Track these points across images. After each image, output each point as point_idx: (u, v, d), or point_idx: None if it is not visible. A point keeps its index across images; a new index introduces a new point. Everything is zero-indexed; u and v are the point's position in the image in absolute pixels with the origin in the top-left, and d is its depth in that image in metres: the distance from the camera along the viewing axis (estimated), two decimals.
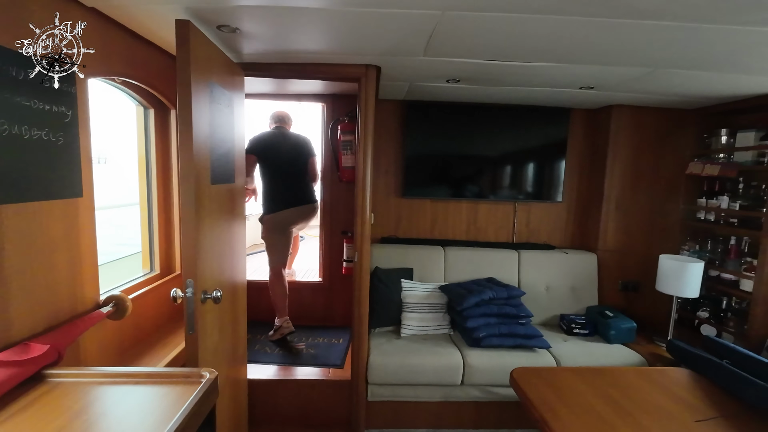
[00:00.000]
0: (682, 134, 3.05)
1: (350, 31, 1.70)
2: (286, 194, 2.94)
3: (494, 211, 3.31)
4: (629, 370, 1.99)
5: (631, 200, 3.09)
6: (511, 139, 3.23)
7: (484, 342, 2.49)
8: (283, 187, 2.96)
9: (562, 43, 1.75)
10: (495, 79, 2.41)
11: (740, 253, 2.68)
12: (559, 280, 3.09)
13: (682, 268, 2.61)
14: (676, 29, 1.53)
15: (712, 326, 2.82)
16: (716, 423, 1.55)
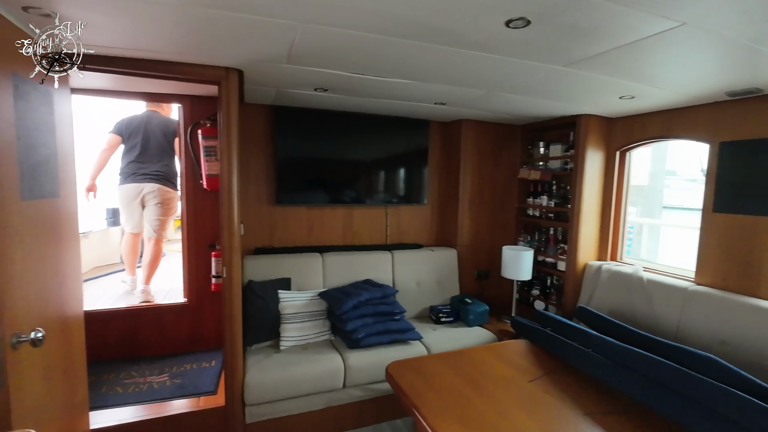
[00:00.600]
0: (513, 145, 3.70)
1: (202, 30, 1.59)
2: (138, 170, 3.25)
3: (368, 216, 3.48)
4: (481, 348, 2.32)
5: (479, 201, 3.61)
6: (382, 147, 3.44)
7: (363, 342, 2.59)
8: (137, 164, 3.25)
9: (414, 64, 1.94)
10: (361, 91, 2.53)
11: (556, 241, 3.39)
12: (427, 275, 3.41)
13: (518, 256, 3.17)
14: (501, 61, 1.86)
15: (542, 301, 3.49)
16: (543, 380, 1.92)
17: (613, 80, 2.10)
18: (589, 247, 3.14)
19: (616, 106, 2.65)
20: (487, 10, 1.35)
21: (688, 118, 2.54)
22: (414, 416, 1.65)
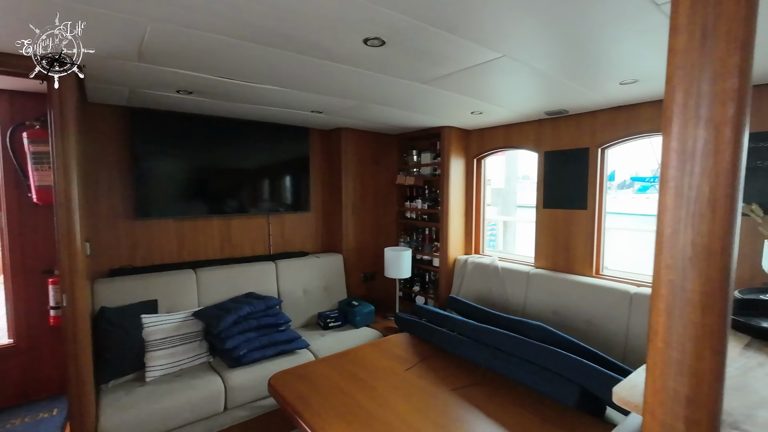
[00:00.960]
0: (391, 153, 3.97)
1: (15, 11, 1.34)
2: None
3: (248, 226, 3.32)
4: (365, 346, 2.43)
5: (362, 206, 3.77)
6: (263, 155, 3.33)
7: (245, 359, 2.46)
8: None
9: (282, 71, 1.95)
10: (230, 96, 2.43)
11: (431, 240, 3.74)
12: (314, 282, 3.41)
13: (399, 256, 3.40)
14: (366, 75, 1.99)
15: (422, 296, 3.80)
16: (418, 366, 2.11)
17: (464, 98, 2.43)
18: (458, 243, 3.55)
19: (470, 119, 3.07)
20: (346, 28, 1.45)
21: (522, 132, 3.09)
22: (297, 424, 1.64)
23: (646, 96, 2.27)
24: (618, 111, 2.51)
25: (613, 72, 1.90)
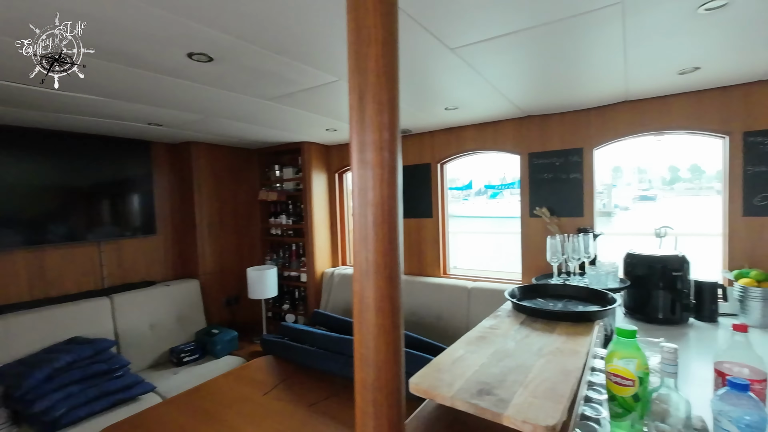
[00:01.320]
0: (251, 168, 3.82)
1: None
2: None
3: (71, 257, 2.77)
4: (219, 377, 2.26)
5: (221, 225, 3.52)
6: (95, 171, 2.82)
7: (65, 419, 2.03)
8: None
9: (101, 80, 1.72)
10: (35, 105, 2.02)
11: (298, 255, 3.70)
12: (164, 314, 3.03)
13: (263, 275, 3.27)
14: (202, 89, 1.89)
15: (292, 314, 3.72)
16: (277, 388, 2.05)
17: (315, 116, 2.50)
18: (325, 257, 3.60)
19: (327, 135, 3.17)
20: (166, 42, 1.35)
21: None
22: None
23: (468, 120, 2.69)
24: (450, 131, 2.92)
25: (439, 99, 2.20)
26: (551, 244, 1.95)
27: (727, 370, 1.00)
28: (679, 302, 1.95)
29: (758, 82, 1.94)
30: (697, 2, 1.15)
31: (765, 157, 1.95)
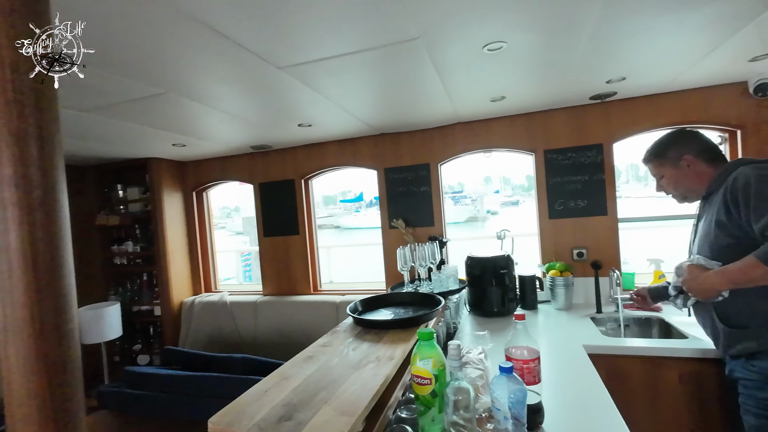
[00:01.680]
0: (85, 189, 3.24)
1: None
2: None
3: None
4: None
5: None
6: None
7: None
8: None
9: None
10: None
11: (151, 286, 3.25)
12: None
13: (101, 314, 2.77)
14: None
15: (146, 354, 3.23)
16: None
17: (152, 130, 2.24)
18: (183, 285, 3.23)
19: (176, 150, 2.88)
20: None
21: (236, 165, 3.15)
22: None
23: (327, 136, 2.73)
24: (311, 147, 2.93)
25: (290, 116, 2.18)
26: (400, 254, 2.07)
27: (513, 353, 1.17)
28: (507, 296, 2.26)
29: (552, 110, 2.41)
30: (481, 43, 1.36)
31: (560, 171, 2.41)
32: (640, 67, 1.75)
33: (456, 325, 2.12)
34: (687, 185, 1.45)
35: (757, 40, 1.50)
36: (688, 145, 1.45)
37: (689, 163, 1.44)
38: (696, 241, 1.46)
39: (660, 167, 1.51)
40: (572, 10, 1.16)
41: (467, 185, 42.05)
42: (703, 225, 1.41)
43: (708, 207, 1.41)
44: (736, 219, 1.25)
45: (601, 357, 1.73)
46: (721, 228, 1.30)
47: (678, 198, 1.52)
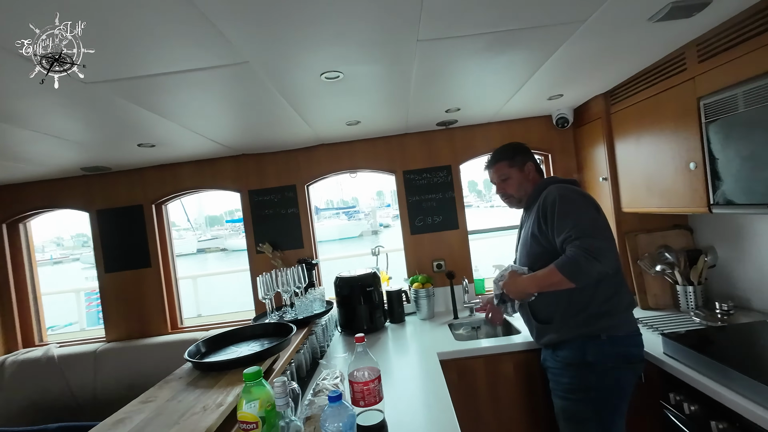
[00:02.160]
0: None
1: None
2: None
3: None
4: None
5: None
6: None
7: None
8: None
9: None
10: None
11: None
12: None
13: None
14: None
15: None
16: None
17: None
18: None
19: None
20: None
21: (68, 189, 2.64)
22: None
23: (177, 156, 2.47)
24: (164, 168, 2.62)
25: (126, 135, 1.91)
26: (261, 282, 1.97)
27: (355, 376, 1.18)
28: (375, 312, 2.33)
29: (408, 134, 2.60)
30: (318, 71, 1.39)
31: (417, 190, 2.61)
32: (469, 101, 2.00)
33: (325, 348, 2.09)
34: (526, 190, 1.62)
35: (545, 83, 1.85)
36: (530, 156, 1.67)
37: (530, 170, 1.64)
38: (519, 247, 1.68)
39: (509, 168, 1.63)
40: (395, 48, 1.27)
41: (361, 200, 43.09)
42: (524, 234, 1.62)
43: (527, 218, 1.63)
44: (546, 232, 1.46)
45: (453, 361, 1.89)
46: (534, 239, 1.51)
47: (514, 202, 1.67)
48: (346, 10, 1.00)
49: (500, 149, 1.70)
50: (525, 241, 1.59)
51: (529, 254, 1.55)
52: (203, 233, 32.20)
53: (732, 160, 1.39)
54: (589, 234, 1.31)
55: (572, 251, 1.32)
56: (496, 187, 1.71)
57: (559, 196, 1.44)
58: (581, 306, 1.44)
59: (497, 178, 1.68)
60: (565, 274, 1.32)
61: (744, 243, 1.81)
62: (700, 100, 1.49)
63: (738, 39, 1.31)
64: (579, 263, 1.29)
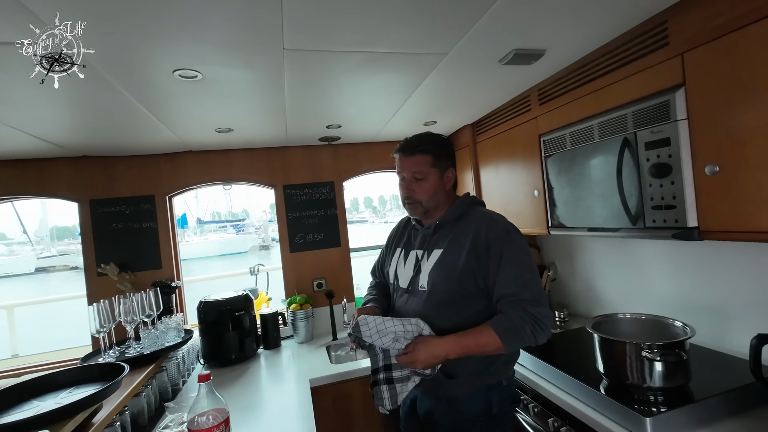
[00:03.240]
0: None
1: None
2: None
3: None
4: None
5: None
6: None
7: None
8: None
9: None
10: None
11: None
12: None
13: None
14: None
15: None
16: None
17: None
18: None
19: None
20: None
21: None
22: None
23: None
24: None
25: None
26: (95, 312, 1.61)
27: (197, 423, 1.01)
28: (246, 339, 2.11)
29: (290, 146, 2.49)
30: (169, 68, 1.21)
31: (298, 206, 2.50)
32: (350, 118, 2.00)
33: (179, 386, 1.80)
34: (438, 199, 1.27)
35: (420, 109, 1.95)
36: (454, 161, 1.33)
37: (449, 180, 1.28)
38: (424, 274, 1.23)
39: (430, 167, 1.24)
40: (259, 53, 1.17)
41: (252, 213, 40.58)
42: (440, 261, 1.20)
43: (443, 241, 1.23)
44: (484, 271, 1.14)
45: (327, 387, 1.80)
46: (469, 274, 1.15)
47: (418, 210, 1.28)
48: (197, 3, 0.88)
49: (428, 137, 1.28)
50: (450, 274, 1.17)
51: (453, 292, 1.17)
52: (46, 248, 26.37)
53: (563, 189, 1.63)
54: (541, 300, 1.08)
55: (521, 316, 1.05)
56: (404, 184, 1.27)
57: (509, 234, 1.14)
58: (496, 356, 1.15)
59: (410, 173, 1.25)
60: (504, 341, 1.04)
61: (574, 260, 2.14)
62: (540, 137, 1.73)
63: (566, 88, 1.56)
64: (524, 333, 1.04)
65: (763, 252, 1.26)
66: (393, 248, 1.44)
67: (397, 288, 1.34)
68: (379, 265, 1.54)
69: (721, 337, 1.42)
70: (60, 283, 18.25)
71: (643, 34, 1.21)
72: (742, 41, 0.95)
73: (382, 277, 1.52)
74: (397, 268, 1.36)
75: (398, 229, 1.49)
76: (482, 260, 1.13)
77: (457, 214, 1.25)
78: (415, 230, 1.37)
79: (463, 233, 1.20)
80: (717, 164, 1.03)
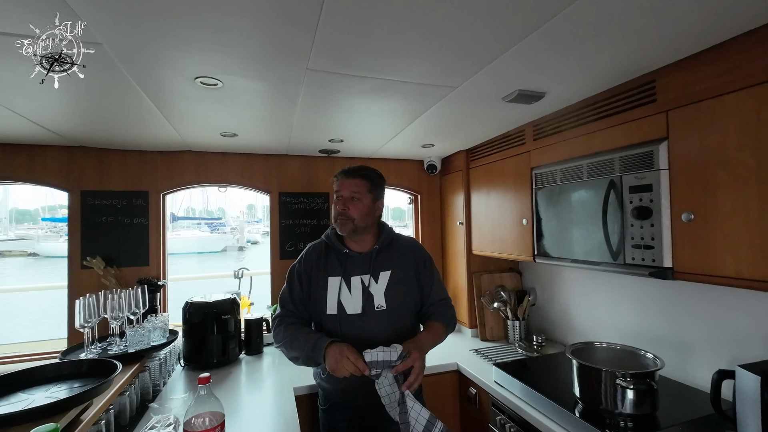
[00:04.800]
0: None
1: None
2: None
3: None
4: None
5: None
6: None
7: None
8: None
9: None
10: None
11: None
12: None
13: None
14: None
15: None
16: None
17: None
18: None
19: None
20: None
21: None
22: None
23: None
24: None
25: None
26: (82, 306, 1.59)
27: (194, 425, 1.02)
28: (229, 343, 2.10)
29: (288, 155, 2.52)
30: (192, 74, 1.25)
31: (291, 213, 2.53)
32: (353, 135, 2.06)
33: (160, 387, 1.77)
34: (368, 221, 1.42)
35: (421, 132, 2.04)
36: (383, 196, 1.51)
37: (379, 208, 1.48)
38: (378, 295, 1.39)
39: (366, 192, 1.41)
40: (283, 69, 1.22)
41: (228, 212, 39.73)
42: (393, 281, 1.41)
43: (388, 263, 1.43)
44: (424, 283, 1.48)
45: (310, 396, 1.82)
46: (416, 288, 1.46)
47: (348, 227, 1.39)
48: (233, 19, 0.93)
49: (367, 169, 1.47)
50: (407, 291, 1.43)
51: (409, 304, 1.44)
52: (3, 231, 24.93)
53: (551, 220, 1.74)
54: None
55: (452, 313, 1.51)
56: (340, 201, 1.41)
57: (429, 253, 1.57)
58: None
59: (349, 192, 1.39)
60: (447, 333, 1.45)
61: (554, 287, 2.25)
62: (532, 169, 1.84)
63: (560, 128, 1.68)
64: (454, 323, 1.50)
65: (728, 295, 1.39)
66: (321, 278, 1.42)
67: (342, 316, 1.36)
68: (298, 299, 1.44)
69: (685, 369, 1.54)
70: (16, 269, 17.26)
71: (634, 88, 1.34)
72: (719, 107, 1.08)
73: (303, 310, 1.44)
74: (340, 297, 1.38)
75: (315, 259, 1.46)
76: (421, 274, 1.48)
77: (389, 240, 1.49)
78: (345, 256, 1.43)
79: (402, 255, 1.48)
80: (692, 212, 1.15)
